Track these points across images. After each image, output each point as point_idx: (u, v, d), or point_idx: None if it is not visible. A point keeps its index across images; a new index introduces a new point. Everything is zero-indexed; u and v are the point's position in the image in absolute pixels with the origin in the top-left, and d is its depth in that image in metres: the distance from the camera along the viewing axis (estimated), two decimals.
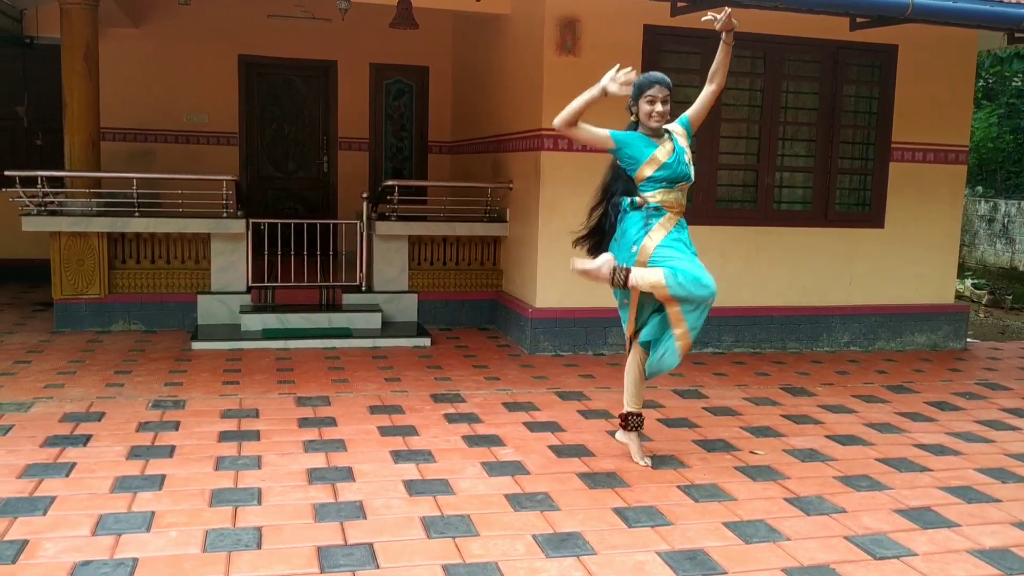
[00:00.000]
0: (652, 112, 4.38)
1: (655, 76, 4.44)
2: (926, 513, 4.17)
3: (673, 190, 4.44)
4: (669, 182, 4.41)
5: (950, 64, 8.16)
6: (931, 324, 8.40)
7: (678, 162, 4.41)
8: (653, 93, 4.37)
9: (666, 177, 4.40)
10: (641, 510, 4.06)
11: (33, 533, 3.57)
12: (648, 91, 4.38)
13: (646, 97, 4.39)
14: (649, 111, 4.39)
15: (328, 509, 3.92)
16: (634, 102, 4.46)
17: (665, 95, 4.38)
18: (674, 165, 4.40)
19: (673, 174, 4.41)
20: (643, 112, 4.41)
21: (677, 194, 4.46)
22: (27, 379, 6.05)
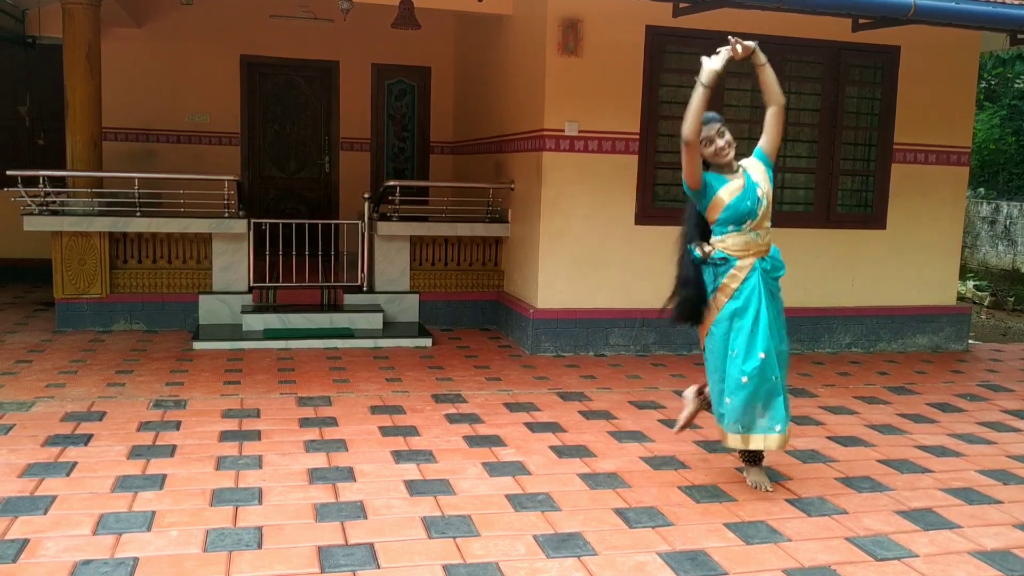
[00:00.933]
0: (715, 150, 4.18)
1: (706, 115, 4.20)
2: (927, 514, 4.16)
3: (742, 232, 4.23)
4: (735, 223, 4.22)
5: (952, 65, 8.16)
6: (933, 326, 8.39)
7: (743, 199, 4.18)
8: (706, 134, 4.17)
9: (729, 218, 4.21)
10: (642, 511, 4.05)
11: (34, 532, 3.57)
12: (701, 135, 4.18)
13: (703, 142, 4.19)
14: (712, 151, 4.19)
15: (329, 509, 3.92)
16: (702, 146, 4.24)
17: (718, 128, 4.18)
18: (736, 204, 4.18)
19: (735, 214, 4.19)
20: (709, 154, 4.20)
21: (748, 237, 4.23)
22: (28, 378, 6.05)
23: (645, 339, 7.66)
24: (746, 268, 4.24)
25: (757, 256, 4.27)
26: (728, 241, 4.25)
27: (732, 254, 4.24)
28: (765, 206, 4.24)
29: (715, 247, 4.27)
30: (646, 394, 6.26)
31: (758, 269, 4.25)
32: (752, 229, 4.23)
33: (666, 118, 7.57)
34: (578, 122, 7.32)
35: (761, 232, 4.26)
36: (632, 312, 7.59)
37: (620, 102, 7.40)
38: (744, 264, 4.24)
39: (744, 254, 4.24)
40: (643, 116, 7.44)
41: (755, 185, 4.23)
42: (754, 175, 4.27)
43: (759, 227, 4.24)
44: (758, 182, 4.24)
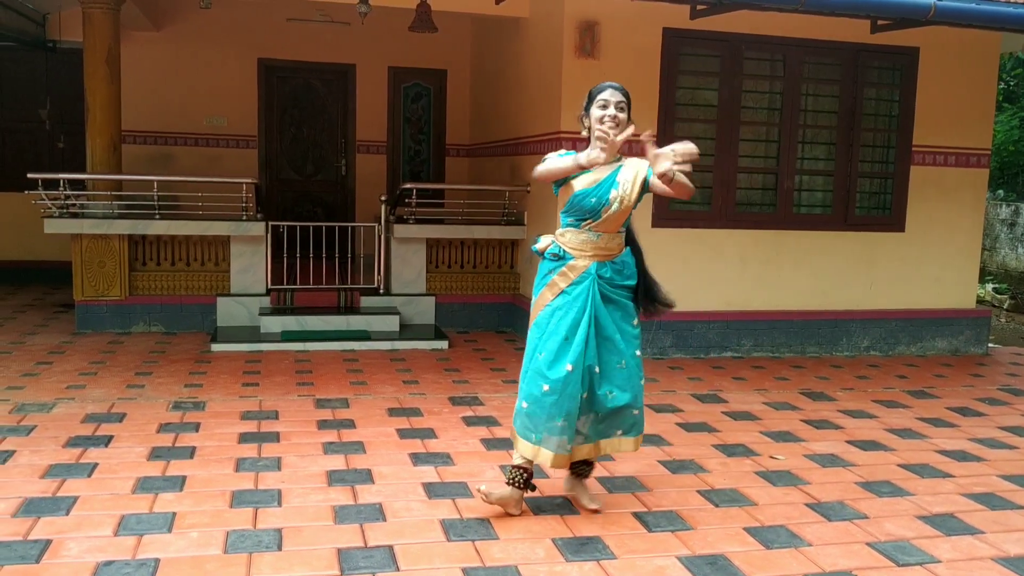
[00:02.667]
0: (604, 116, 3.78)
1: (607, 83, 3.89)
2: (949, 520, 4.13)
3: (580, 229, 3.86)
4: (575, 217, 3.86)
5: (972, 67, 8.10)
6: (952, 329, 8.33)
7: (589, 194, 3.79)
8: (605, 97, 3.81)
9: (571, 210, 3.86)
10: (661, 515, 4.04)
11: (56, 533, 3.60)
12: (600, 95, 3.83)
13: (598, 102, 3.82)
14: (600, 116, 3.80)
15: (348, 511, 3.93)
16: (586, 113, 3.90)
17: (619, 100, 3.80)
18: (580, 196, 3.81)
19: (577, 207, 3.83)
20: (594, 119, 3.82)
21: (586, 235, 3.85)
22: (49, 380, 6.10)
23: (662, 342, 7.64)
24: (579, 270, 3.87)
25: (596, 259, 3.88)
26: (567, 236, 3.91)
27: (568, 250, 3.89)
28: (615, 211, 3.80)
29: (555, 239, 3.96)
30: (663, 397, 6.25)
31: (593, 275, 3.86)
32: (591, 228, 3.85)
33: (683, 120, 7.56)
34: None
35: (603, 235, 3.86)
36: None
37: (637, 104, 7.23)
38: (578, 265, 3.87)
39: (580, 253, 3.87)
40: (659, 118, 7.42)
41: (614, 184, 3.80)
42: (623, 175, 3.84)
43: (601, 228, 3.85)
44: (620, 182, 3.81)
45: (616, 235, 3.91)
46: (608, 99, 3.81)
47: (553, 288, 3.91)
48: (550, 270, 3.92)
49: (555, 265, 3.91)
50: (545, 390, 3.80)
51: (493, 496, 3.90)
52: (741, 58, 7.58)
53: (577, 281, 3.87)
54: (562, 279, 3.89)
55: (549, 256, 3.93)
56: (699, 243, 7.64)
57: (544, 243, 3.99)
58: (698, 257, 7.67)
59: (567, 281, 3.88)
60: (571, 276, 3.88)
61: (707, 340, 7.74)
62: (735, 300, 7.80)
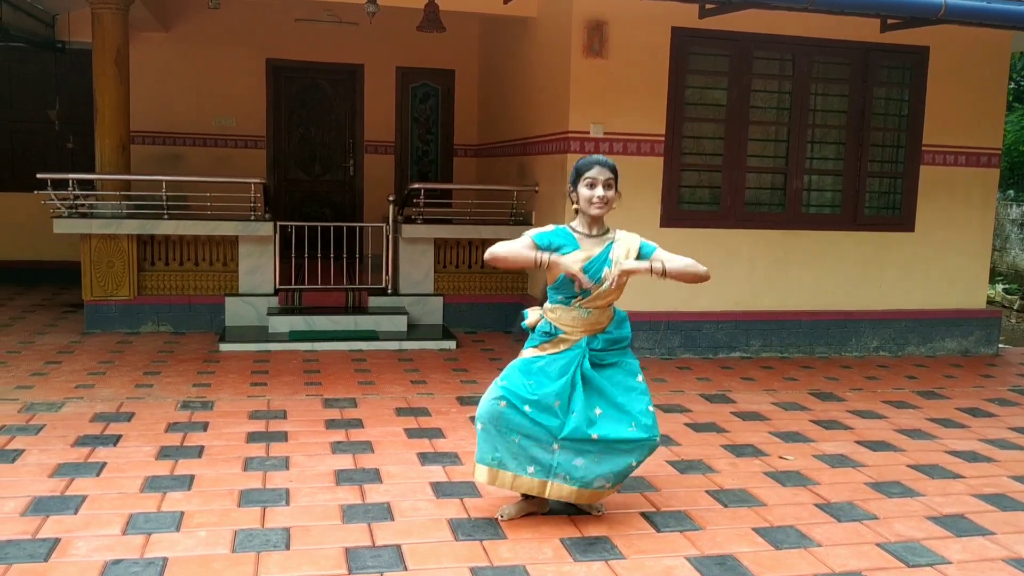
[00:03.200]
0: (593, 197, 3.71)
1: (595, 157, 3.80)
2: (960, 520, 4.11)
3: (571, 307, 3.77)
4: (566, 295, 3.77)
5: (982, 66, 8.07)
6: (962, 329, 8.29)
7: (585, 271, 3.69)
8: (593, 175, 3.72)
9: (561, 288, 3.78)
10: (670, 515, 4.03)
11: (65, 532, 3.60)
12: (587, 172, 3.73)
13: (585, 180, 3.74)
14: (589, 196, 3.72)
15: (356, 510, 3.92)
16: (573, 188, 3.80)
17: (608, 178, 3.72)
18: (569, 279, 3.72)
19: (569, 284, 3.73)
20: (583, 197, 3.75)
21: (576, 313, 3.77)
22: (58, 379, 6.11)
23: (670, 342, 7.62)
24: (570, 343, 3.80)
25: (587, 333, 3.80)
26: (557, 313, 3.82)
27: (559, 327, 3.81)
28: (605, 289, 3.71)
29: (544, 316, 3.87)
30: (672, 398, 6.23)
31: (582, 348, 3.78)
32: (581, 306, 3.77)
33: (691, 120, 7.55)
34: (603, 124, 7.30)
35: (594, 311, 3.79)
36: (656, 315, 7.55)
37: (645, 104, 7.38)
38: (569, 339, 3.80)
39: (571, 330, 3.80)
40: (668, 118, 7.41)
41: (607, 262, 3.72)
42: (617, 251, 3.76)
43: (591, 305, 3.77)
44: (613, 260, 3.72)
45: (607, 310, 3.84)
46: (596, 177, 3.72)
47: (541, 350, 3.84)
48: (541, 340, 3.85)
49: (544, 340, 3.84)
50: (503, 406, 3.75)
51: (509, 514, 3.89)
52: (750, 57, 7.55)
53: (567, 351, 3.80)
54: (551, 347, 3.83)
55: (539, 333, 3.86)
56: (708, 243, 7.62)
57: (533, 318, 3.92)
58: (707, 257, 7.48)
59: (556, 349, 3.81)
60: (562, 347, 3.81)
61: (716, 340, 7.71)
62: (744, 300, 7.78)
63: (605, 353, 3.83)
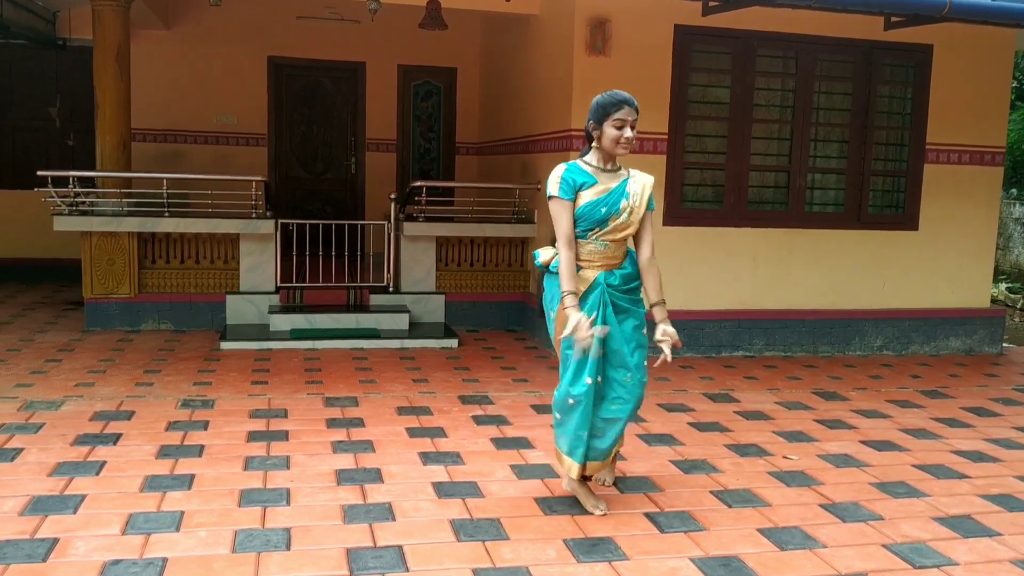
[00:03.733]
0: (621, 138, 3.75)
1: (622, 95, 3.78)
2: (966, 521, 4.07)
3: (587, 240, 3.83)
4: (584, 228, 3.82)
5: (986, 64, 8.02)
6: (966, 328, 8.26)
7: (599, 204, 3.78)
8: (622, 116, 3.73)
9: (580, 217, 3.80)
10: (673, 515, 4.00)
11: (64, 531, 3.57)
12: (616, 113, 3.73)
13: (613, 121, 3.74)
14: (617, 136, 3.75)
15: (357, 510, 3.90)
16: (597, 125, 3.80)
17: (635, 119, 3.77)
18: (592, 206, 3.78)
19: (587, 215, 3.79)
20: (609, 138, 3.76)
21: (593, 246, 3.84)
22: (58, 377, 6.08)
23: None
24: (588, 280, 3.85)
25: (604, 268, 3.87)
26: (576, 246, 3.86)
27: (576, 261, 3.84)
28: (623, 220, 3.81)
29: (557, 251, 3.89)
30: (675, 396, 6.20)
31: (602, 284, 3.84)
32: (599, 238, 3.84)
33: (694, 118, 7.51)
34: None
35: (611, 244, 3.86)
36: None
37: (648, 102, 7.32)
38: (587, 275, 3.85)
39: (588, 264, 3.86)
40: (671, 116, 7.37)
41: (624, 194, 3.83)
42: (632, 185, 3.87)
43: (608, 237, 3.84)
44: (631, 193, 3.84)
45: (623, 244, 3.91)
46: (625, 118, 3.75)
47: (574, 299, 3.81)
48: (558, 284, 3.84)
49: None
50: (570, 404, 3.86)
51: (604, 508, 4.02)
52: (753, 55, 7.52)
53: (587, 292, 3.85)
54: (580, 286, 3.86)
55: (554, 269, 3.88)
56: (711, 242, 7.59)
57: (546, 256, 3.95)
58: (709, 256, 7.62)
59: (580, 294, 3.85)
60: (581, 288, 3.84)
61: (719, 339, 7.68)
62: (747, 299, 7.75)
63: (621, 295, 3.89)
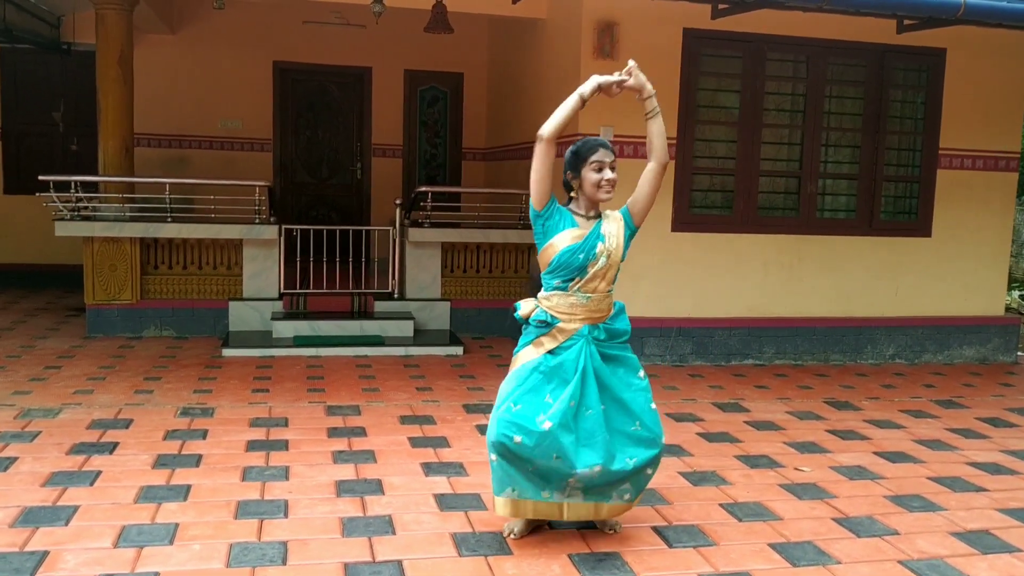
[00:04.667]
0: (601, 181, 3.54)
1: (596, 140, 3.62)
2: (985, 536, 3.94)
3: (568, 292, 3.57)
4: (562, 279, 3.57)
5: (1001, 68, 7.90)
6: (980, 337, 8.11)
7: (577, 251, 3.53)
8: (599, 158, 3.54)
9: (557, 271, 3.56)
10: (682, 529, 3.88)
11: (55, 544, 3.47)
12: (592, 156, 3.55)
13: (591, 164, 3.55)
14: (597, 180, 3.55)
15: (356, 523, 3.79)
16: (575, 174, 3.61)
17: (612, 160, 3.57)
18: (567, 253, 3.53)
19: (563, 266, 3.54)
20: (589, 183, 3.56)
21: (574, 299, 3.56)
22: (57, 385, 6.00)
23: (682, 349, 7.47)
24: (568, 333, 3.57)
25: (587, 322, 3.58)
26: (554, 300, 3.59)
27: (556, 315, 3.58)
28: (602, 266, 3.55)
29: (539, 304, 3.64)
30: (684, 406, 6.08)
31: (584, 337, 3.56)
32: (580, 289, 3.57)
33: (703, 122, 7.41)
34: (613, 127, 7.16)
35: (593, 296, 3.58)
36: (667, 321, 7.41)
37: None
38: (567, 327, 3.57)
39: (569, 317, 3.57)
40: (680, 120, 7.26)
41: (599, 238, 3.57)
42: (606, 227, 3.62)
43: (589, 289, 3.57)
44: (605, 235, 3.59)
45: (607, 296, 3.63)
46: (603, 160, 3.55)
47: (539, 347, 3.59)
48: (536, 335, 3.61)
49: (542, 331, 3.60)
50: (517, 442, 3.45)
51: (520, 531, 3.72)
52: (763, 59, 7.41)
53: (567, 344, 3.56)
54: (550, 340, 3.58)
55: (535, 323, 3.61)
56: (720, 248, 7.47)
57: (527, 308, 3.66)
58: (719, 262, 7.50)
59: (555, 343, 3.57)
60: (560, 339, 3.57)
61: (728, 347, 7.56)
62: (757, 306, 7.63)
63: (608, 344, 3.63)
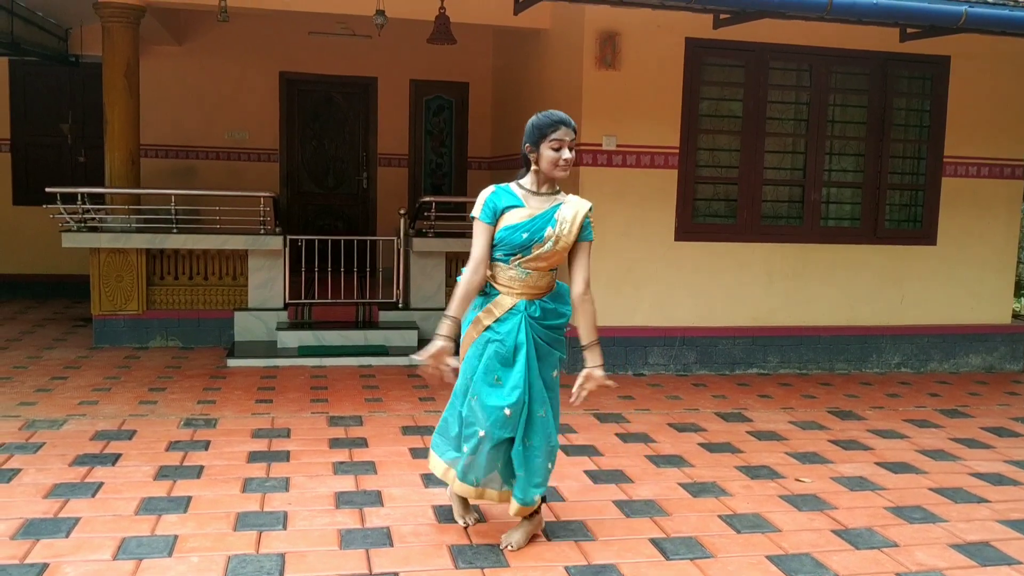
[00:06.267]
0: (559, 160, 3.53)
1: (558, 115, 3.59)
2: (985, 548, 3.93)
3: (509, 265, 3.57)
4: (504, 252, 3.56)
5: (1005, 76, 7.88)
6: (986, 345, 8.08)
7: (521, 228, 3.52)
8: (559, 136, 3.52)
9: (500, 241, 3.55)
10: (680, 541, 3.88)
11: (54, 556, 3.50)
12: (553, 134, 3.52)
13: (551, 142, 3.53)
14: (555, 158, 3.53)
15: (354, 535, 3.80)
16: (534, 147, 3.58)
17: (573, 139, 3.56)
18: (512, 230, 3.53)
19: (507, 242, 3.54)
20: (546, 160, 3.54)
21: (514, 272, 3.57)
22: (62, 395, 6.04)
23: (685, 358, 7.46)
24: (505, 307, 3.59)
25: (524, 297, 3.60)
26: (495, 270, 3.61)
27: (495, 286, 3.62)
28: (547, 249, 3.54)
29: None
30: (686, 416, 6.07)
31: (522, 312, 3.58)
32: (520, 264, 3.56)
33: (706, 131, 7.41)
34: (616, 136, 7.18)
35: (532, 273, 3.58)
36: (672, 330, 7.41)
37: (659, 116, 7.25)
38: (504, 302, 3.59)
39: (508, 291, 3.60)
40: (683, 130, 7.28)
41: (551, 221, 3.55)
42: (563, 211, 3.59)
43: (530, 265, 3.57)
44: (558, 220, 3.56)
45: (547, 273, 3.64)
46: (562, 139, 3.53)
47: (477, 326, 3.62)
48: (475, 306, 3.63)
49: (480, 301, 3.63)
50: (507, 415, 3.54)
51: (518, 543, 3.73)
52: (766, 68, 7.41)
53: (504, 318, 3.58)
54: (487, 316, 3.61)
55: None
56: (724, 257, 7.47)
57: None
58: (723, 271, 7.50)
59: (492, 318, 3.59)
60: (496, 313, 3.59)
61: (732, 356, 7.55)
62: (761, 315, 7.61)
63: (542, 329, 3.64)
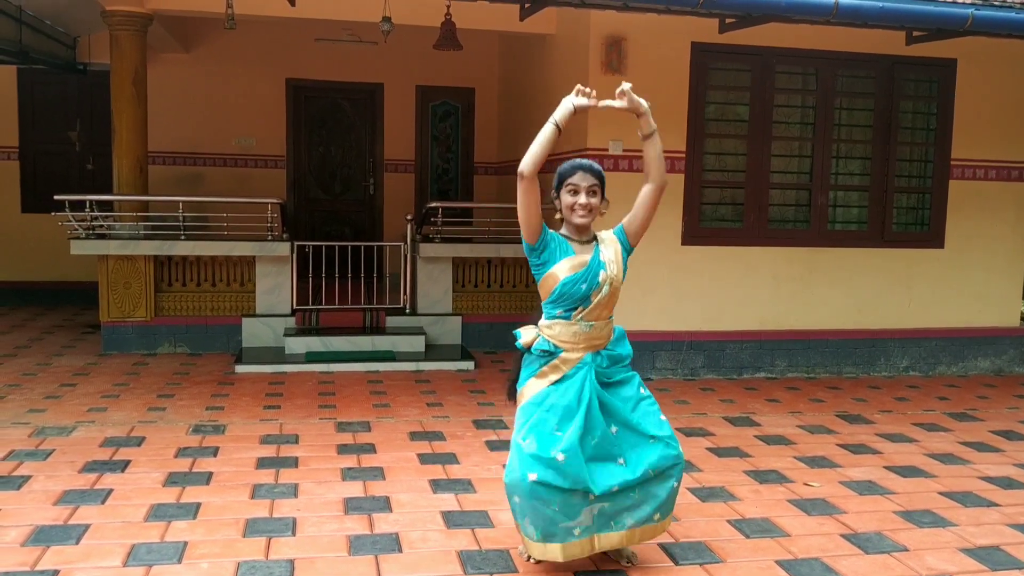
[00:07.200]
0: (574, 205, 3.48)
1: (579, 161, 3.58)
2: (995, 552, 3.91)
3: (571, 321, 3.48)
4: (565, 308, 3.48)
5: (1012, 78, 7.86)
6: (995, 348, 8.05)
7: (579, 280, 3.44)
8: (575, 181, 3.49)
9: (559, 300, 3.47)
10: (689, 546, 3.87)
11: (64, 563, 3.51)
12: (569, 179, 3.51)
13: (567, 187, 3.51)
14: (571, 203, 3.49)
15: (363, 541, 3.80)
16: (556, 194, 3.58)
17: (591, 184, 3.49)
18: (569, 283, 3.44)
19: (566, 296, 3.45)
20: (564, 205, 3.52)
21: (577, 327, 3.47)
22: (72, 402, 6.06)
23: (693, 362, 7.45)
24: (572, 362, 3.48)
25: (589, 350, 3.51)
26: (556, 328, 3.50)
27: (558, 344, 3.49)
28: (606, 294, 3.47)
29: (541, 333, 3.54)
30: (694, 420, 6.07)
31: (589, 365, 3.48)
32: (583, 318, 3.48)
33: (713, 136, 7.41)
34: (622, 141, 7.18)
35: (595, 324, 3.51)
36: (679, 335, 7.40)
37: (665, 120, 7.14)
38: (569, 357, 3.49)
39: (572, 346, 3.49)
40: (689, 134, 7.28)
41: (600, 265, 3.48)
42: (605, 253, 3.53)
43: (592, 317, 3.49)
44: (606, 262, 3.50)
45: (608, 322, 3.57)
46: (578, 184, 3.49)
47: (543, 379, 3.50)
48: (540, 365, 3.52)
49: (545, 360, 3.51)
50: (533, 479, 3.34)
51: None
52: (772, 72, 7.41)
53: (571, 373, 3.47)
54: (553, 371, 3.49)
55: (537, 352, 3.53)
56: (731, 261, 7.46)
57: (528, 337, 3.56)
58: (730, 275, 7.49)
59: (559, 373, 3.48)
60: (564, 369, 3.48)
61: (740, 360, 7.54)
62: (768, 319, 7.61)
63: (611, 371, 3.56)
